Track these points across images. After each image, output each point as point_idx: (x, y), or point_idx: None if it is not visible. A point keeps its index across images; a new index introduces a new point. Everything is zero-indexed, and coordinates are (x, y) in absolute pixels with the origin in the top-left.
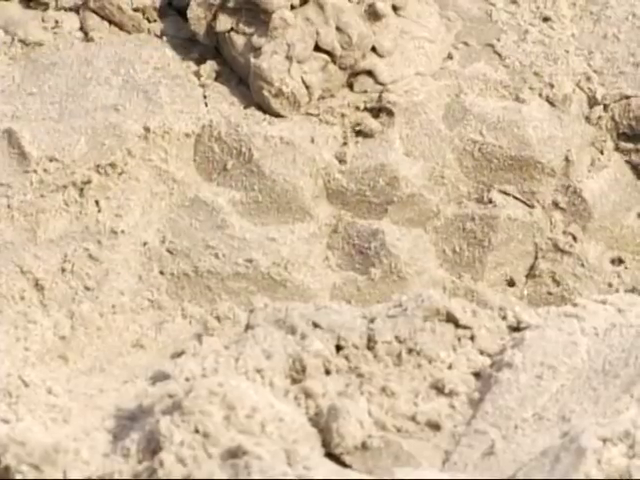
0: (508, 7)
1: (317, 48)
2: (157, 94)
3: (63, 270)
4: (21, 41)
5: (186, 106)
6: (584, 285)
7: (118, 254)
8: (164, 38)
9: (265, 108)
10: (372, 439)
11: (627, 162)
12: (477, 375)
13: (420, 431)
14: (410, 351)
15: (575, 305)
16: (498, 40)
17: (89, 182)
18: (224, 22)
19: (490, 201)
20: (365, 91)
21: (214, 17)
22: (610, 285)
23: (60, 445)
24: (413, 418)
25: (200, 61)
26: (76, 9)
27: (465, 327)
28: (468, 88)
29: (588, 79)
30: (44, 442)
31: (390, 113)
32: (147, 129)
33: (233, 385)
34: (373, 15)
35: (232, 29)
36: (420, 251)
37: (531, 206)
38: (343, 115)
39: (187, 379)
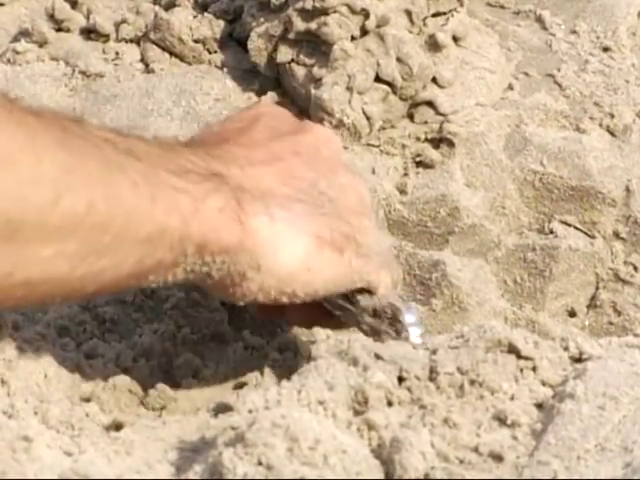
0: (568, 37)
1: (378, 79)
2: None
3: (124, 302)
4: (82, 73)
5: None
6: None
7: None
8: (225, 69)
9: None
10: (435, 471)
11: None
12: (539, 406)
13: (482, 462)
14: (472, 382)
15: (637, 335)
16: (558, 70)
17: None
18: (285, 53)
19: (551, 231)
20: (426, 122)
21: (275, 48)
22: None
23: (123, 477)
24: (475, 449)
25: (261, 92)
26: (137, 41)
27: (527, 358)
28: (529, 118)
29: None
30: (107, 475)
31: (451, 144)
32: None
33: (296, 417)
34: (434, 46)
35: (293, 60)
36: (481, 282)
37: (592, 236)
38: (404, 146)
39: (250, 411)
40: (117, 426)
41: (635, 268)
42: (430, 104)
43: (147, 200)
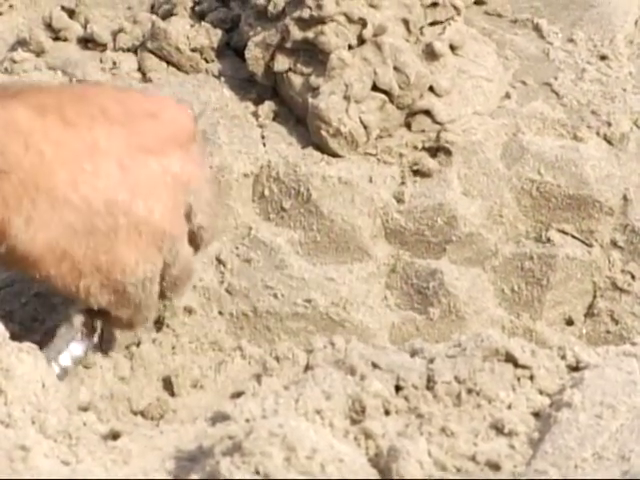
0: (565, 46)
1: (375, 88)
2: (215, 134)
3: None
4: (79, 82)
5: (244, 146)
6: None
7: None
8: (222, 78)
9: (323, 148)
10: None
11: None
12: (536, 415)
13: (480, 471)
14: (469, 391)
15: (634, 344)
16: (555, 79)
17: None
18: (282, 62)
19: (548, 240)
20: (423, 130)
21: (272, 57)
22: None
23: None
24: (473, 458)
25: (258, 101)
26: (134, 50)
27: (524, 367)
28: (526, 127)
29: None
30: None
31: (448, 152)
32: None
33: (293, 426)
34: (431, 55)
35: (290, 69)
36: (478, 290)
37: (589, 245)
38: (401, 155)
39: (247, 420)
40: (114, 435)
41: (632, 277)
42: (427, 113)
43: None
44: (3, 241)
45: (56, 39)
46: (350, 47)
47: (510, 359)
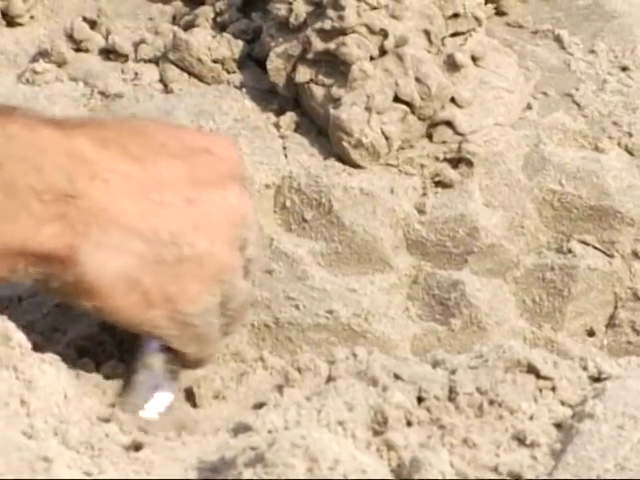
0: (586, 57)
1: (396, 99)
2: (237, 145)
3: None
4: (101, 93)
5: (266, 157)
6: None
7: None
8: (243, 89)
9: (345, 159)
10: None
11: None
12: (558, 426)
13: None
14: (491, 402)
15: None
16: (577, 90)
17: None
18: (303, 73)
19: (570, 251)
20: (444, 141)
21: (293, 68)
22: None
23: None
24: (495, 469)
25: (280, 112)
26: (155, 61)
27: (546, 378)
28: (547, 138)
29: None
30: None
31: (469, 163)
32: None
33: (316, 437)
34: (452, 66)
35: (311, 80)
36: (500, 301)
37: (611, 255)
38: (422, 166)
39: (269, 431)
40: (137, 446)
41: None
42: (449, 124)
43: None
44: (70, 268)
45: (77, 50)
46: (372, 58)
47: (532, 370)
